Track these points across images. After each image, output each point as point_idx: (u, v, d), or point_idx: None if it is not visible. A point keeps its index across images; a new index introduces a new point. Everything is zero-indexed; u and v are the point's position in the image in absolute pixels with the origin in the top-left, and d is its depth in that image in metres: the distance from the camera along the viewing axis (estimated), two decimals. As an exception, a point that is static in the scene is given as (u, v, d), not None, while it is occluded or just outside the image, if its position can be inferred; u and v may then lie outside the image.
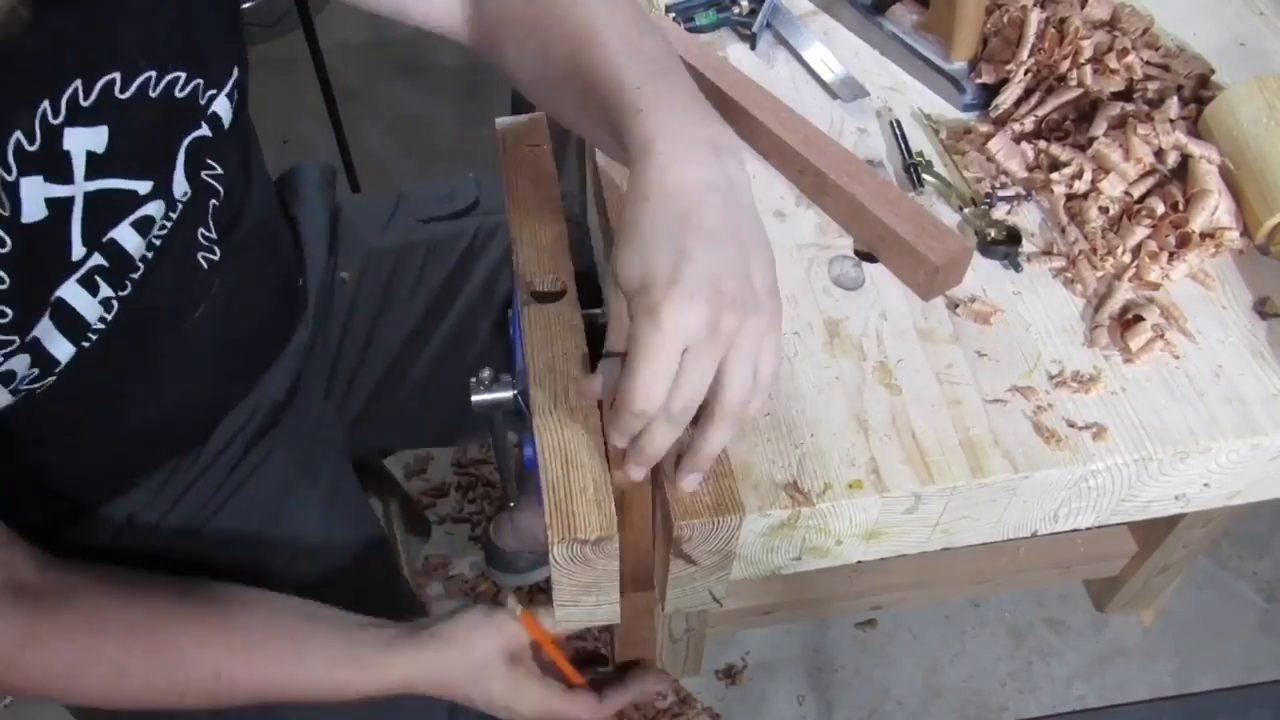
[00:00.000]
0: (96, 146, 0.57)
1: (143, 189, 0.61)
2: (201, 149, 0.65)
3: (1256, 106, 0.70)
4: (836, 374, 0.64)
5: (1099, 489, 0.62)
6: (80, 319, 0.61)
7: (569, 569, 0.56)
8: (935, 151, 0.77)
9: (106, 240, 0.60)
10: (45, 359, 0.60)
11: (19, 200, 0.53)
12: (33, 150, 0.53)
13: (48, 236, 0.56)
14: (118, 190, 0.59)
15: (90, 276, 0.60)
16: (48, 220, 0.55)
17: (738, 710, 1.42)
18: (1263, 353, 0.65)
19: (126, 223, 0.61)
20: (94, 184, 0.58)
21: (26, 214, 0.54)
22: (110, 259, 0.61)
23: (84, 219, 0.58)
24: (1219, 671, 1.46)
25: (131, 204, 0.61)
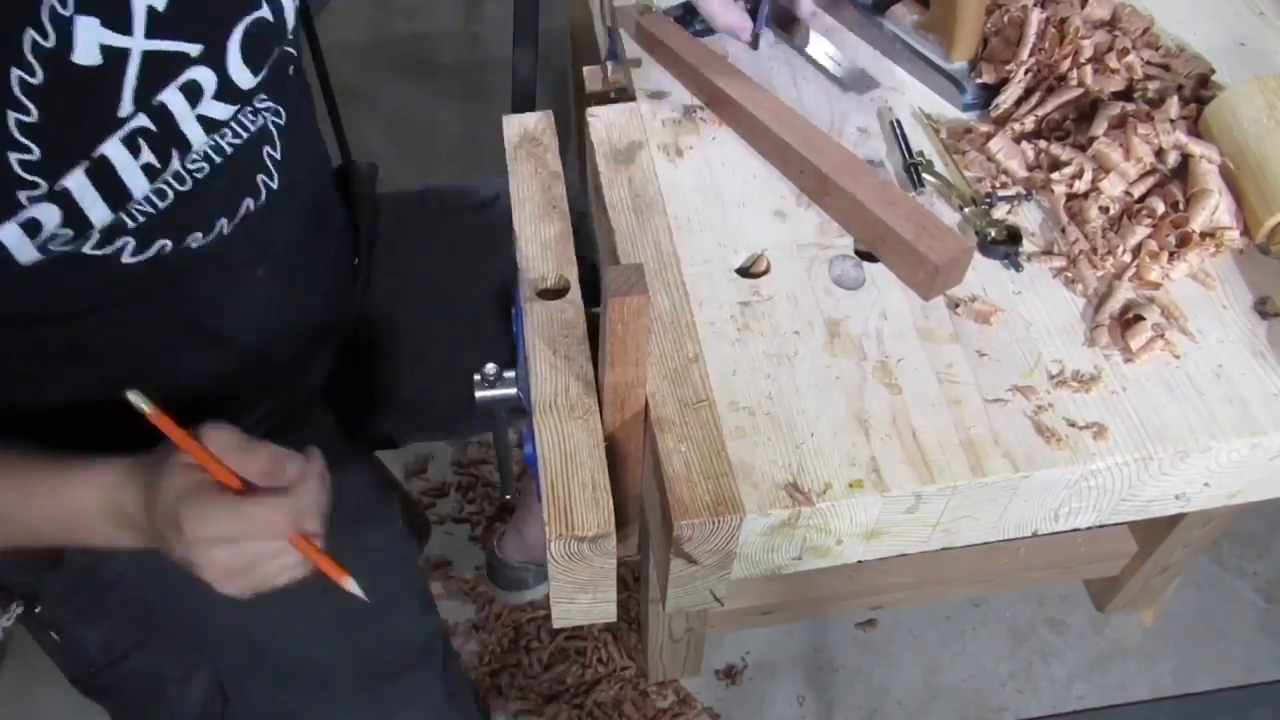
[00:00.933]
0: (158, 3, 0.57)
1: (193, 51, 0.61)
2: (262, 37, 0.65)
3: (1256, 106, 0.70)
4: (837, 374, 0.64)
5: (1099, 488, 0.62)
6: (120, 183, 0.60)
7: (567, 566, 0.56)
8: (935, 151, 0.77)
9: (156, 103, 0.60)
10: (78, 217, 0.58)
11: (72, 38, 0.53)
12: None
13: (98, 86, 0.55)
14: (170, 52, 0.59)
15: (133, 137, 0.59)
16: (102, 68, 0.55)
17: (738, 710, 1.42)
18: (1263, 352, 0.65)
19: (174, 85, 0.60)
20: (151, 43, 0.57)
21: (79, 54, 0.53)
22: (157, 122, 0.60)
23: (139, 76, 0.57)
24: (1219, 671, 1.46)
25: (179, 65, 0.60)
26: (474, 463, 1.65)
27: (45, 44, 0.52)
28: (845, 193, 0.70)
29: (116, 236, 0.64)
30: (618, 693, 1.42)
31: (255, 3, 0.64)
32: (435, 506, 1.62)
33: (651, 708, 1.41)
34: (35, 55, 0.52)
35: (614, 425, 0.60)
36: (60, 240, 0.59)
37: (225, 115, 0.65)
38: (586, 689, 1.43)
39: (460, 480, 1.64)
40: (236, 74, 0.65)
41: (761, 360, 0.65)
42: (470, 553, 1.57)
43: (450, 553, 1.57)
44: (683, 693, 1.43)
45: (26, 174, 0.54)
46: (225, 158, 0.68)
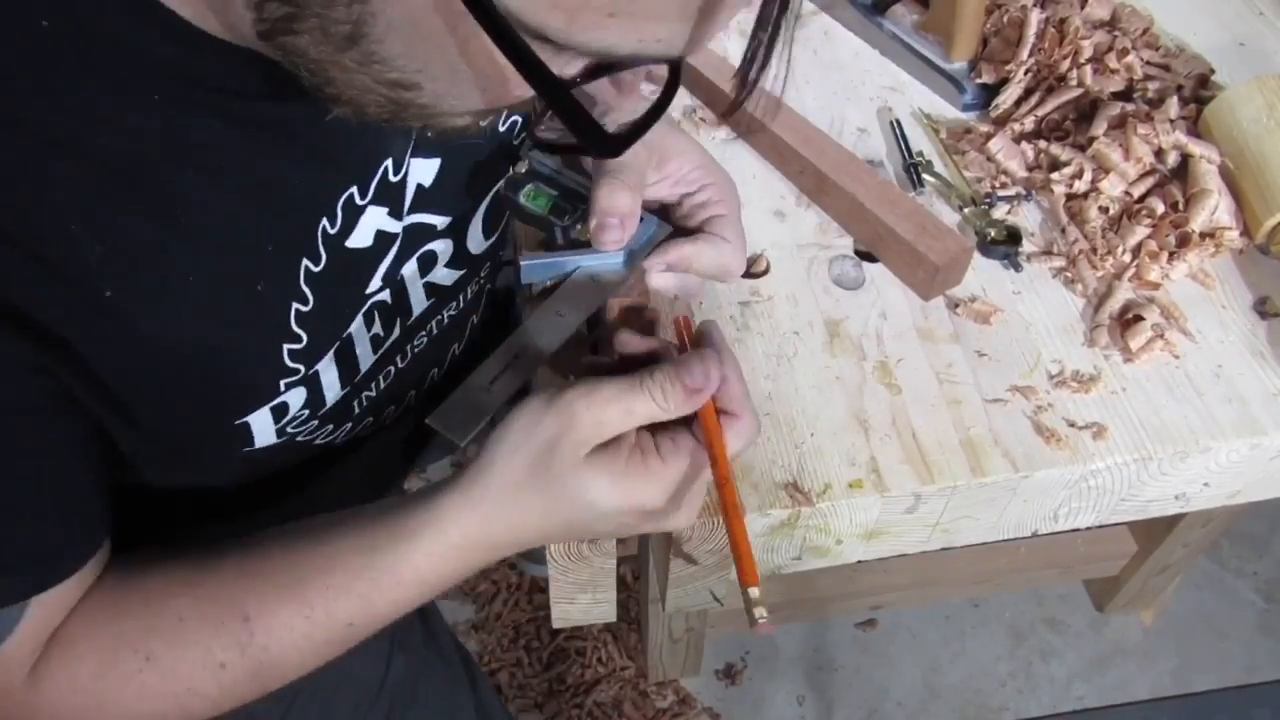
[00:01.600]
0: (425, 179, 0.54)
1: (440, 224, 0.58)
2: (499, 201, 0.62)
3: (1256, 106, 0.70)
4: (837, 374, 0.64)
5: (1099, 488, 0.62)
6: (354, 357, 0.56)
7: (567, 566, 0.56)
8: (936, 152, 0.77)
9: (398, 276, 0.57)
10: (318, 398, 0.55)
11: (354, 226, 0.51)
12: (394, 181, 0.51)
13: (360, 267, 0.53)
14: (423, 224, 0.56)
15: (371, 310, 0.56)
16: (368, 250, 0.53)
17: (738, 710, 1.42)
18: (1263, 352, 0.65)
19: (414, 257, 0.58)
20: (412, 218, 0.55)
21: (354, 239, 0.51)
22: (393, 295, 0.57)
23: (395, 256, 0.55)
24: (1219, 671, 1.46)
25: (426, 238, 0.57)
26: (474, 463, 1.65)
27: (331, 230, 0.50)
28: (845, 193, 0.71)
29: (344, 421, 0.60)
30: (618, 693, 1.42)
31: (505, 168, 0.61)
32: (435, 506, 1.62)
33: (651, 708, 1.41)
34: (324, 243, 0.49)
35: (614, 425, 0.60)
36: (298, 422, 0.56)
37: (450, 281, 0.62)
38: (586, 689, 1.43)
39: (460, 480, 1.64)
40: (472, 242, 0.62)
41: (761, 360, 0.65)
42: (470, 553, 1.57)
43: (450, 553, 1.57)
44: (683, 693, 1.43)
45: (292, 362, 0.51)
46: (441, 329, 0.65)
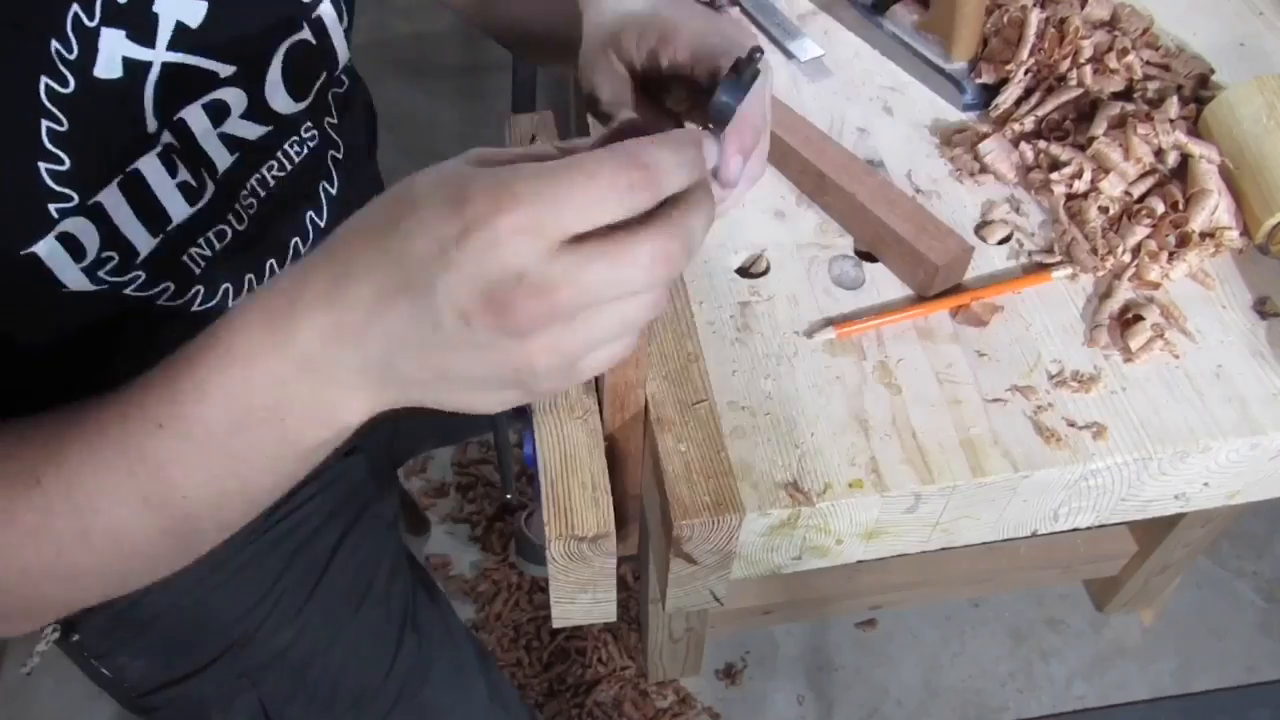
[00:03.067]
0: (190, 20, 0.55)
1: (224, 71, 0.59)
2: (305, 62, 0.63)
3: (1256, 106, 0.70)
4: (837, 373, 0.64)
5: (1099, 488, 0.62)
6: (157, 203, 0.58)
7: (567, 566, 0.56)
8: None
9: (176, 119, 0.58)
10: (121, 243, 0.56)
11: (95, 50, 0.52)
12: (123, 3, 0.52)
13: (120, 99, 0.54)
14: (196, 68, 0.57)
15: (168, 154, 0.57)
16: (121, 81, 0.53)
17: (738, 710, 1.42)
18: (1263, 352, 0.65)
19: (197, 103, 0.58)
20: (174, 55, 0.55)
21: (100, 68, 0.52)
22: (179, 139, 0.58)
23: (156, 89, 0.55)
24: (1219, 671, 1.46)
25: (206, 84, 0.58)
26: (474, 463, 1.65)
27: (69, 55, 0.51)
28: (845, 193, 0.71)
29: (179, 279, 0.61)
30: (618, 692, 1.42)
31: (296, 25, 0.62)
32: (435, 506, 1.62)
33: (651, 707, 1.41)
34: (64, 65, 0.51)
35: (614, 425, 0.60)
36: (109, 267, 0.56)
37: (254, 135, 0.63)
38: (586, 689, 1.43)
39: (460, 480, 1.64)
40: (273, 96, 0.63)
41: (761, 360, 0.65)
42: (470, 553, 1.57)
43: (450, 552, 1.57)
44: (683, 692, 1.43)
45: (57, 185, 0.52)
46: (270, 192, 0.66)
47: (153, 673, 0.79)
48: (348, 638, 0.81)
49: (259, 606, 0.78)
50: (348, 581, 0.82)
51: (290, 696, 0.80)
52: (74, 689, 1.41)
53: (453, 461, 1.67)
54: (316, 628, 0.80)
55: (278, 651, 0.79)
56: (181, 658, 0.78)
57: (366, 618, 0.82)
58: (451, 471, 1.65)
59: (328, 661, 0.80)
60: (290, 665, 0.79)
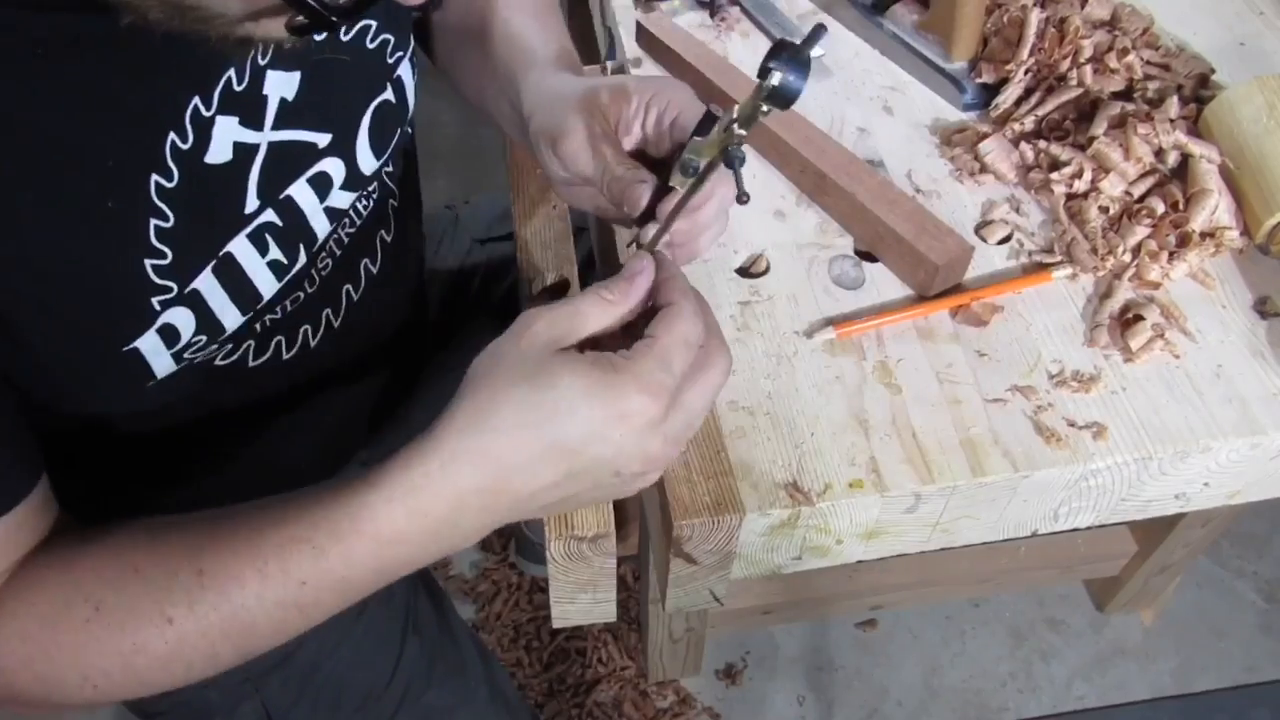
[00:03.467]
0: (288, 93, 0.55)
1: (321, 141, 0.59)
2: (386, 120, 0.64)
3: (1256, 106, 0.70)
4: (837, 373, 0.64)
5: (1099, 488, 0.62)
6: (249, 284, 0.57)
7: (567, 566, 0.56)
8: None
9: (283, 197, 0.58)
10: (211, 321, 0.56)
11: (209, 139, 0.52)
12: (239, 90, 0.52)
13: (225, 183, 0.54)
14: (298, 142, 0.58)
15: (260, 233, 0.57)
16: (230, 165, 0.54)
17: (738, 710, 1.42)
18: (1263, 352, 0.65)
19: (303, 179, 0.59)
20: (279, 134, 0.56)
21: (212, 155, 0.52)
22: (284, 217, 0.58)
23: (262, 170, 0.56)
24: (1219, 671, 1.46)
25: (309, 158, 0.59)
26: (474, 463, 1.65)
27: (183, 146, 0.51)
28: (845, 193, 0.71)
29: (242, 341, 0.62)
30: (618, 692, 1.42)
31: (380, 86, 0.63)
32: (435, 506, 1.62)
33: (651, 708, 1.41)
34: (174, 159, 0.50)
35: (614, 425, 0.60)
36: (195, 348, 0.56)
37: (346, 203, 0.63)
38: (586, 689, 1.43)
39: (460, 480, 1.64)
40: (363, 161, 0.63)
41: (761, 360, 0.65)
42: (470, 552, 1.57)
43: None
44: (683, 693, 1.43)
45: (159, 279, 0.52)
46: (343, 249, 0.66)
47: None
48: (351, 642, 0.81)
49: None
50: None
51: (295, 701, 0.80)
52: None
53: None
54: (320, 633, 0.79)
55: (282, 657, 0.79)
56: None
57: (369, 622, 0.82)
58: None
59: (332, 666, 0.80)
60: (294, 670, 0.79)
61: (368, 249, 0.70)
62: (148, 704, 0.79)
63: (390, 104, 0.64)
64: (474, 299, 0.94)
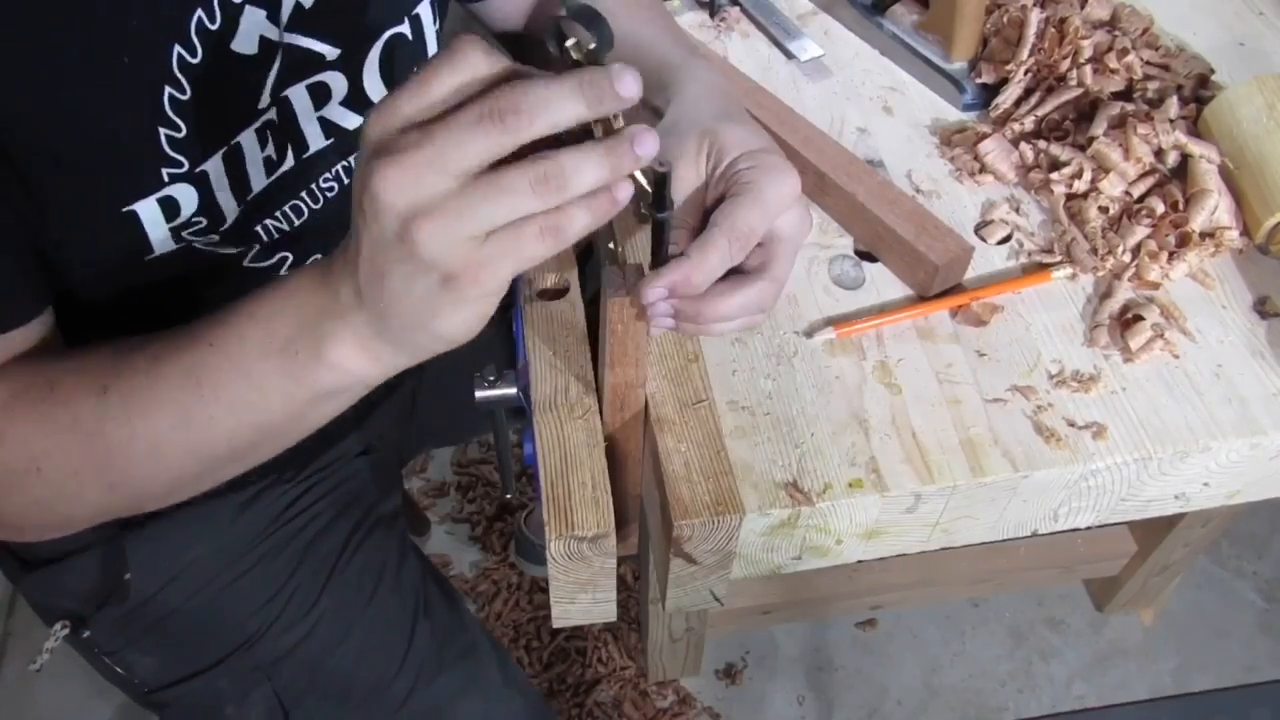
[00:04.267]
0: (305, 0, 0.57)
1: (330, 54, 0.60)
2: (399, 53, 0.64)
3: (1256, 106, 0.70)
4: (836, 373, 0.64)
5: (1099, 488, 0.62)
6: (244, 173, 0.59)
7: (567, 566, 0.56)
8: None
9: (282, 96, 0.59)
10: (214, 208, 0.58)
11: (237, 26, 0.53)
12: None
13: (248, 74, 0.55)
14: (306, 49, 0.59)
15: (264, 129, 0.59)
16: (255, 58, 0.55)
17: (738, 710, 1.42)
18: (1263, 352, 0.65)
19: (302, 84, 0.60)
20: (290, 37, 0.57)
21: (239, 43, 0.53)
22: (280, 116, 0.60)
23: (279, 71, 0.57)
24: (1219, 671, 1.46)
25: (313, 67, 0.60)
26: (474, 463, 1.65)
27: (211, 26, 0.52)
28: (845, 193, 0.71)
29: (249, 242, 0.63)
30: (618, 692, 1.42)
31: (397, 18, 0.64)
32: (435, 506, 1.62)
33: (651, 707, 1.41)
34: (199, 35, 0.52)
35: (614, 425, 0.60)
36: (195, 229, 0.58)
37: (351, 123, 0.65)
38: (586, 689, 1.43)
39: (460, 480, 1.64)
40: (370, 84, 0.64)
41: (761, 360, 0.65)
42: (470, 552, 1.57)
43: (450, 552, 1.57)
44: (683, 692, 1.43)
45: (172, 150, 0.54)
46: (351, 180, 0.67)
47: (165, 669, 0.79)
48: (362, 629, 0.81)
49: (272, 603, 0.78)
50: (359, 574, 0.83)
51: (306, 688, 0.80)
52: (75, 688, 1.41)
53: (452, 461, 1.67)
54: (330, 621, 0.80)
55: (292, 645, 0.79)
56: (194, 654, 0.78)
57: (379, 608, 0.82)
58: (451, 471, 1.65)
59: (343, 652, 0.81)
60: (305, 658, 0.80)
61: None
62: (154, 695, 0.80)
63: (406, 39, 0.64)
64: None
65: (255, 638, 0.78)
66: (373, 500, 0.87)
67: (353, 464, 0.86)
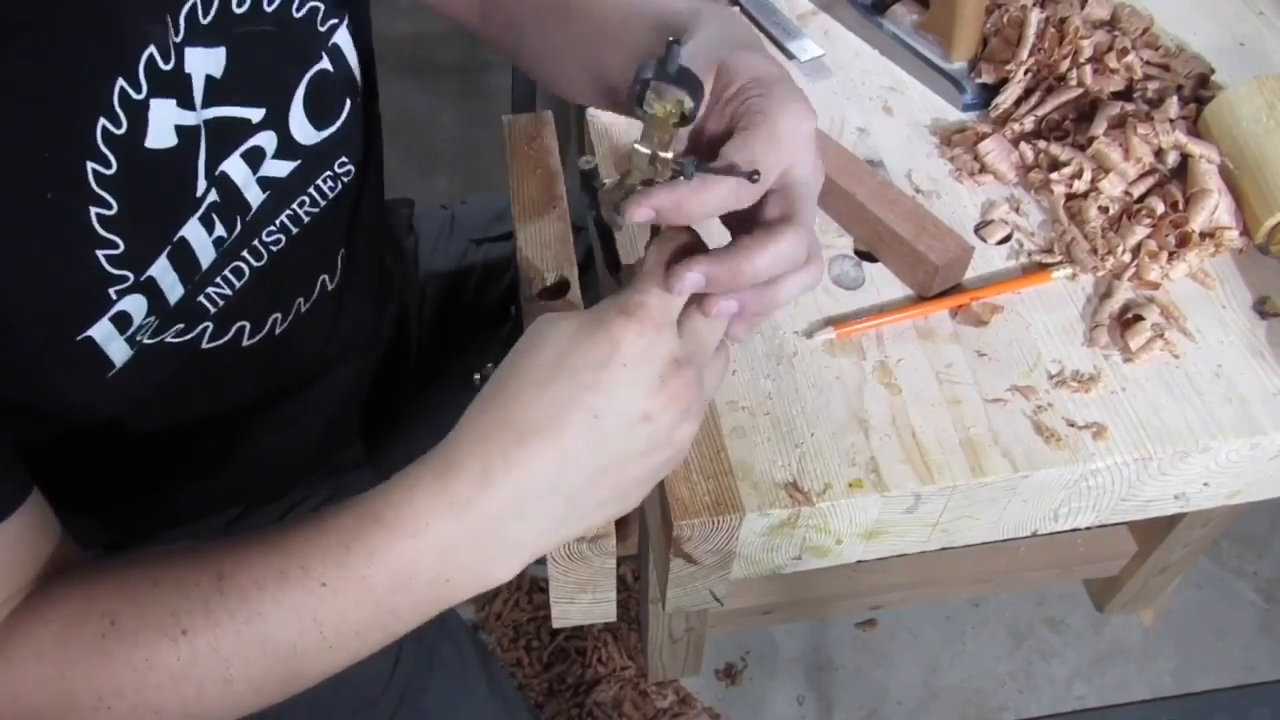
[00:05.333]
0: (215, 70, 0.54)
1: (255, 116, 0.57)
2: (326, 90, 0.61)
3: (1256, 106, 0.70)
4: (836, 373, 0.64)
5: (1099, 488, 0.62)
6: (194, 258, 0.56)
7: (566, 566, 0.56)
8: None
9: (218, 173, 0.56)
10: (161, 302, 0.55)
11: (145, 123, 0.50)
12: (166, 70, 0.50)
13: (173, 167, 0.53)
14: (231, 119, 0.56)
15: (209, 214, 0.56)
16: (176, 150, 0.52)
17: (738, 710, 1.42)
18: (1262, 352, 0.65)
19: (237, 153, 0.57)
20: (211, 112, 0.54)
21: (153, 139, 0.51)
22: (222, 194, 0.57)
23: (206, 150, 0.54)
24: (1219, 671, 1.46)
25: (243, 133, 0.57)
26: (474, 463, 1.65)
27: (117, 131, 0.49)
28: (845, 193, 0.71)
29: (197, 321, 0.60)
30: (618, 692, 1.42)
31: (315, 56, 0.61)
32: (435, 506, 1.62)
33: (651, 708, 1.41)
34: (107, 144, 0.49)
35: (614, 425, 0.60)
36: (147, 331, 0.56)
37: (285, 173, 0.62)
38: (586, 689, 1.43)
39: (460, 480, 1.64)
40: (298, 132, 0.61)
41: (761, 360, 0.65)
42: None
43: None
44: (683, 693, 1.43)
45: (114, 269, 0.51)
46: (303, 229, 0.65)
47: None
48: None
49: None
50: None
51: (291, 704, 0.80)
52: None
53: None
54: None
55: None
56: None
57: None
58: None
59: None
60: None
61: (342, 235, 0.69)
62: None
63: (329, 74, 0.62)
64: (470, 300, 0.93)
65: None
66: None
67: (351, 476, 0.86)
